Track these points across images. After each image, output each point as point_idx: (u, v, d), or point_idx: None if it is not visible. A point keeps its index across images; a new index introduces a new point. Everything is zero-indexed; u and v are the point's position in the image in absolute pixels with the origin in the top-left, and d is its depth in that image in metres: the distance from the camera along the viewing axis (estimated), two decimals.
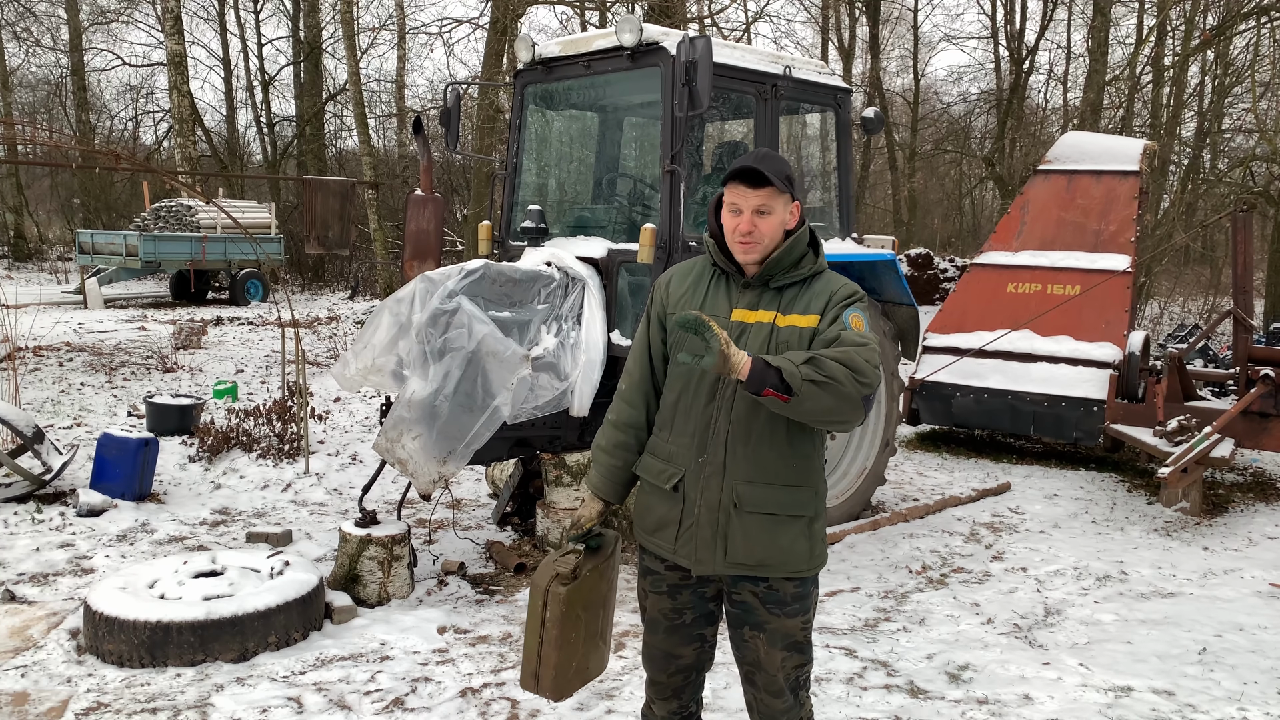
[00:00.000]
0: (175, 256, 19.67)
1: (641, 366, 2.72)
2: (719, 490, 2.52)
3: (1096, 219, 8.62)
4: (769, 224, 2.50)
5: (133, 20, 30.63)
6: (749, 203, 2.48)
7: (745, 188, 2.47)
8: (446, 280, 4.84)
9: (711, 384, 2.52)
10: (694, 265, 2.71)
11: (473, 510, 6.56)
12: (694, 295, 2.62)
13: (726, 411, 2.51)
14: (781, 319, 2.51)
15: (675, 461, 2.58)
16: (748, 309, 2.55)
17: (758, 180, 2.46)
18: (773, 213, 2.49)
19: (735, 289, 2.59)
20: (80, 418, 8.69)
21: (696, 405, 2.55)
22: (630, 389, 2.73)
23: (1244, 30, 13.78)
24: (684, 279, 2.68)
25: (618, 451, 2.73)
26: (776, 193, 2.48)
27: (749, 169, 2.46)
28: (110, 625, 4.04)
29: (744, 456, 2.50)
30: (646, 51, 5.43)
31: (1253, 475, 8.15)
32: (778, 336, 2.49)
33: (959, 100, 28.51)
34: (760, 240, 2.50)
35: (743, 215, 2.49)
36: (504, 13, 15.33)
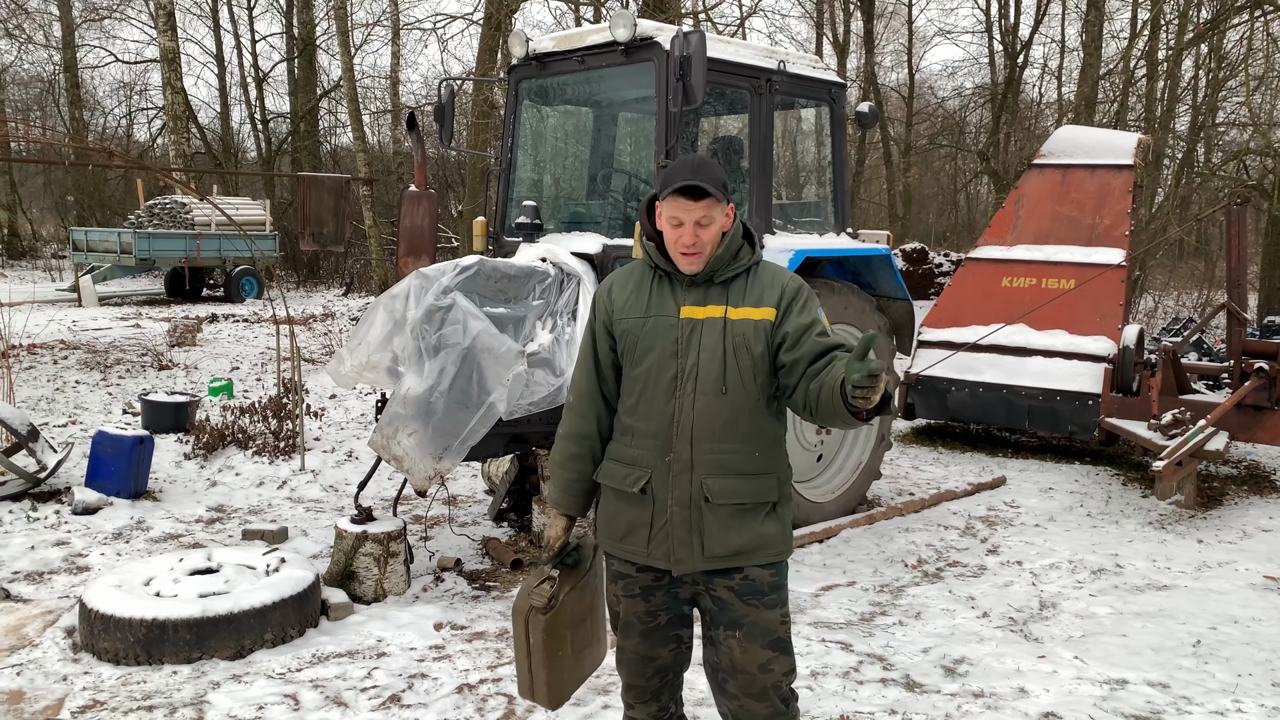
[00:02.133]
0: (170, 254, 19.63)
1: (589, 377, 2.70)
2: (688, 486, 2.52)
3: (1091, 213, 8.63)
4: (710, 234, 2.50)
5: (126, 17, 30.53)
6: (690, 215, 2.46)
7: (686, 200, 2.45)
8: (441, 276, 4.83)
9: (668, 383, 2.53)
10: (632, 271, 2.69)
11: (469, 506, 6.55)
12: (638, 298, 2.60)
13: (689, 407, 2.51)
14: (733, 312, 2.53)
15: (640, 464, 2.57)
16: (695, 305, 2.55)
17: (698, 194, 2.45)
18: (713, 222, 2.49)
19: (679, 288, 2.58)
20: (75, 416, 8.67)
21: (656, 405, 2.55)
22: (579, 400, 2.71)
23: (1237, 24, 13.79)
24: (625, 285, 2.66)
25: (573, 464, 2.72)
26: (715, 202, 2.47)
27: (690, 185, 2.45)
28: (106, 623, 4.03)
29: (709, 450, 2.51)
30: (641, 46, 5.42)
31: (1247, 468, 8.17)
32: (731, 330, 2.51)
33: (953, 95, 28.53)
34: (703, 250, 2.50)
35: (684, 228, 2.48)
36: (498, 8, 15.31)
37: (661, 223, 2.55)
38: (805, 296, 2.56)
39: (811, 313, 2.53)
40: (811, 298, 2.56)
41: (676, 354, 2.53)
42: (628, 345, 2.60)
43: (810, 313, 2.52)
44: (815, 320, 2.51)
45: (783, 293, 2.54)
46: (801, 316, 2.50)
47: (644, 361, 2.56)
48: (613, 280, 2.71)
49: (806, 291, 2.57)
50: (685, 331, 2.53)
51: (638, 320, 2.59)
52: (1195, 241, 19.90)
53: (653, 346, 2.55)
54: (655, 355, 2.54)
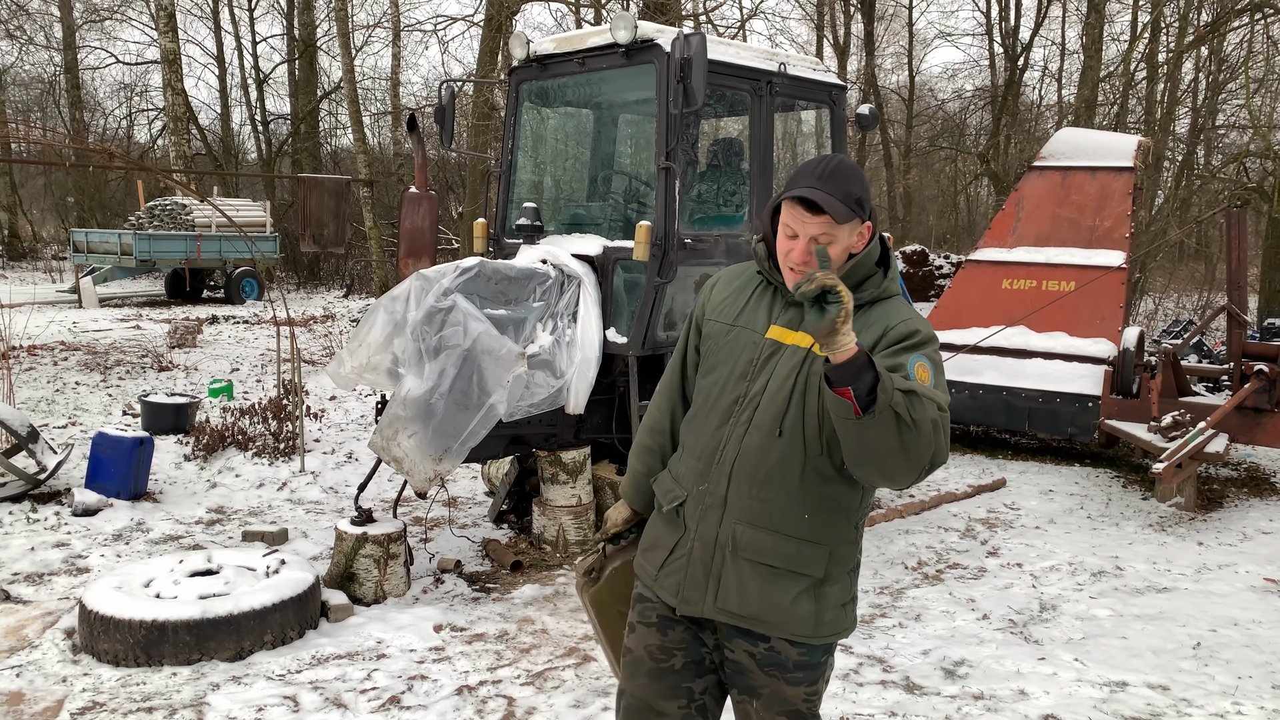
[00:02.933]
0: (170, 255, 19.64)
1: (674, 371, 2.49)
2: (716, 526, 2.20)
3: (1091, 215, 8.63)
4: (831, 253, 2.12)
5: (126, 18, 30.56)
6: (805, 230, 2.10)
7: (803, 212, 2.09)
8: (442, 278, 4.84)
9: (727, 406, 2.22)
10: (745, 270, 2.40)
11: (469, 508, 6.55)
12: (735, 302, 2.33)
13: (737, 439, 2.18)
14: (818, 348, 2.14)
15: (682, 482, 2.30)
16: (786, 327, 2.20)
17: (817, 208, 2.08)
18: (834, 241, 2.11)
19: (779, 303, 2.24)
20: (75, 417, 8.67)
21: (708, 425, 2.26)
22: (662, 391, 2.51)
23: (1238, 26, 13.81)
24: (730, 283, 2.39)
25: (643, 456, 2.51)
26: (841, 219, 2.09)
27: (807, 198, 2.07)
28: (106, 624, 4.03)
29: (748, 495, 2.16)
30: (641, 48, 5.43)
31: (1247, 470, 8.17)
32: (810, 365, 2.12)
33: (954, 97, 28.54)
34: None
35: (797, 242, 2.13)
36: (499, 10, 15.31)
37: (780, 232, 2.19)
38: (908, 348, 2.06)
39: (906, 358, 2.04)
40: (920, 353, 2.05)
41: (746, 375, 2.20)
42: (707, 349, 2.34)
43: (905, 357, 2.04)
44: (902, 365, 2.01)
45: (883, 335, 2.10)
46: (891, 358, 2.04)
47: (713, 373, 2.29)
48: (721, 275, 2.47)
49: (920, 339, 2.09)
50: (763, 353, 2.20)
51: (723, 326, 2.31)
52: (1195, 244, 19.90)
53: (726, 359, 2.26)
54: (725, 370, 2.25)
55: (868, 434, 1.86)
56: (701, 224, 5.91)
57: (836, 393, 1.86)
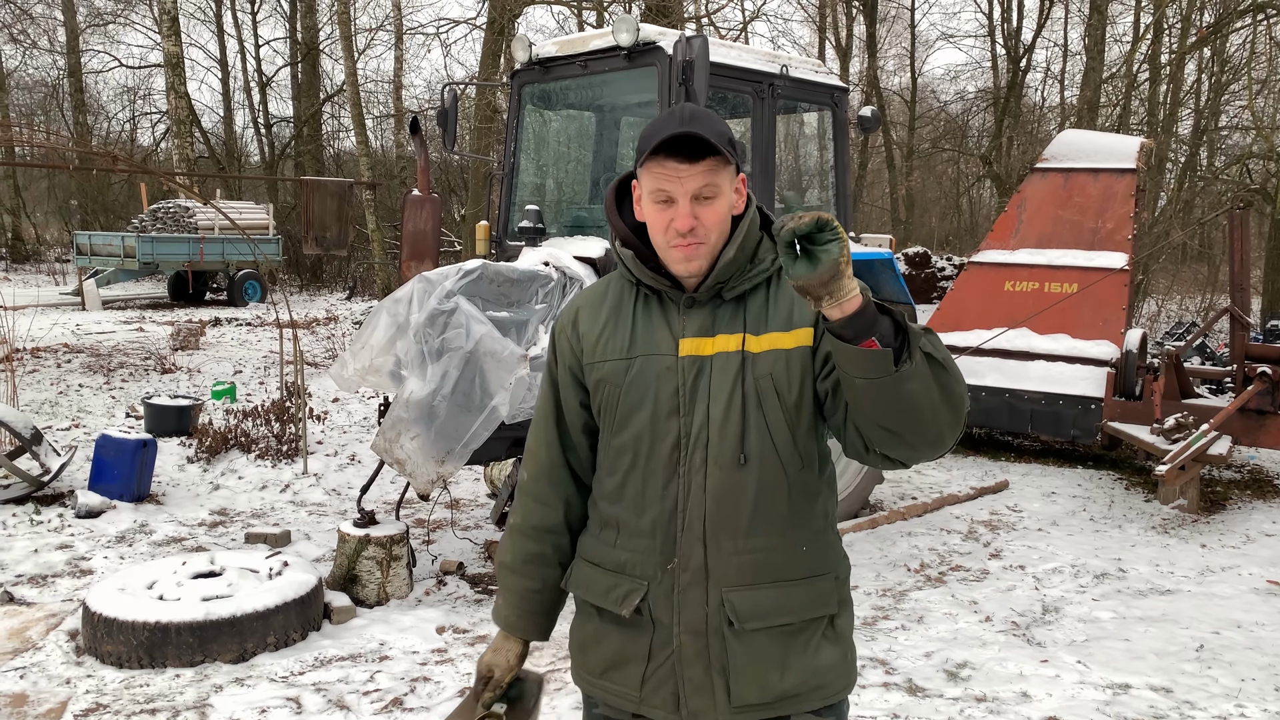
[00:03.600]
0: (173, 258, 19.67)
1: (551, 448, 1.93)
2: (703, 606, 1.75)
3: (1093, 217, 8.63)
4: (715, 212, 1.71)
5: (130, 22, 30.64)
6: (685, 185, 1.68)
7: (677, 163, 1.67)
8: (444, 280, 4.84)
9: (669, 455, 1.76)
10: (604, 290, 1.90)
11: (471, 510, 6.56)
12: (616, 330, 1.83)
13: (699, 489, 1.74)
14: (754, 341, 1.75)
15: (631, 572, 1.81)
16: (700, 335, 1.77)
17: (696, 150, 1.67)
18: (719, 195, 1.71)
19: (675, 311, 1.80)
20: (78, 419, 8.68)
21: (651, 488, 1.77)
22: (539, 479, 1.95)
23: (1240, 27, 13.81)
24: (595, 311, 1.88)
25: (532, 569, 1.95)
26: (722, 164, 1.69)
27: (682, 135, 1.66)
28: (109, 626, 4.04)
29: (734, 551, 1.74)
30: (643, 51, 5.43)
31: (1250, 472, 8.16)
32: (753, 369, 1.73)
33: (956, 99, 28.54)
34: (707, 239, 1.72)
35: (677, 206, 1.69)
36: (501, 13, 15.34)
37: (641, 208, 1.77)
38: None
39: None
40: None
41: (679, 410, 1.75)
42: (606, 401, 1.82)
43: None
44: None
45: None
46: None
47: (631, 424, 1.79)
48: (578, 307, 1.92)
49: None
50: (689, 376, 1.76)
51: (618, 364, 1.81)
52: (1198, 245, 19.89)
53: (642, 401, 1.78)
54: (647, 414, 1.77)
55: (908, 387, 1.51)
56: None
57: (863, 346, 1.51)
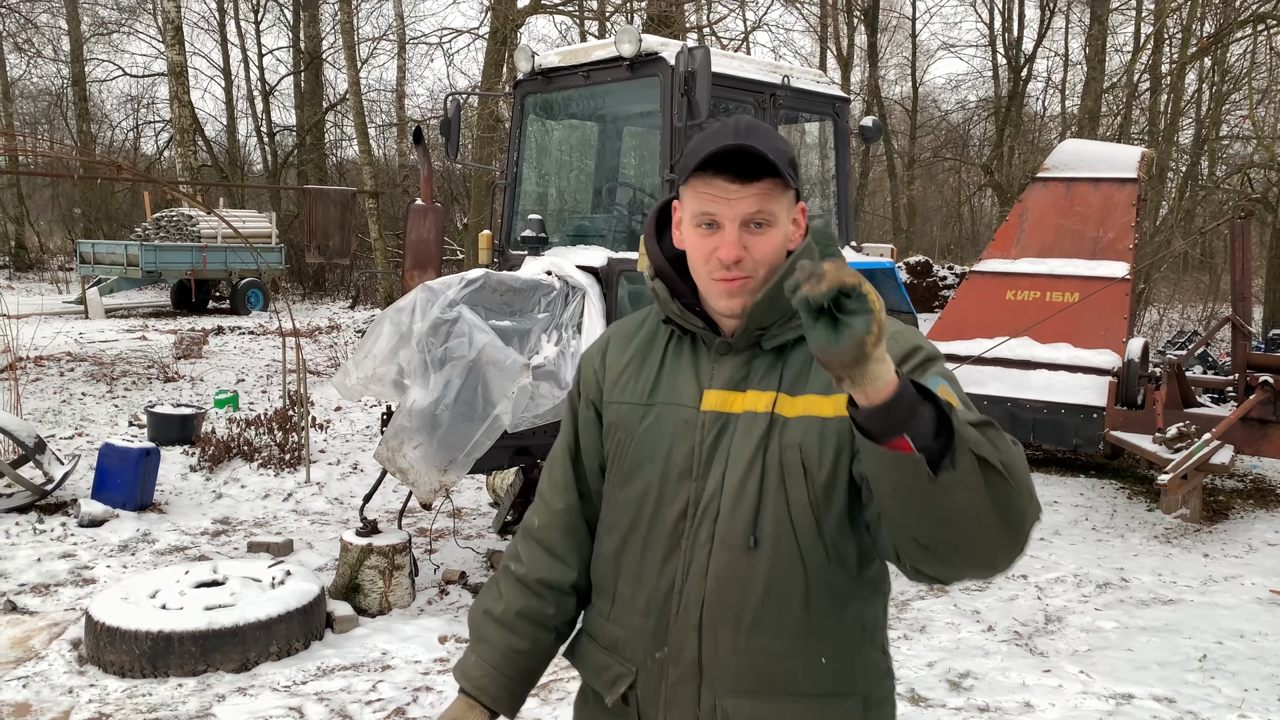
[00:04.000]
0: (176, 266, 19.71)
1: (567, 492, 1.68)
2: (694, 707, 1.50)
3: (1095, 226, 8.64)
4: (768, 244, 1.46)
5: (133, 31, 30.75)
6: (734, 209, 1.44)
7: (726, 182, 1.44)
8: (447, 290, 4.86)
9: (673, 524, 1.51)
10: (640, 323, 1.69)
11: (473, 519, 6.56)
12: (642, 370, 1.61)
13: (699, 570, 1.48)
14: (788, 403, 1.48)
15: (621, 653, 1.58)
16: (729, 388, 1.52)
17: (749, 170, 1.43)
18: (774, 224, 1.46)
19: (707, 357, 1.56)
20: (81, 428, 8.70)
21: (650, 559, 1.53)
22: (550, 527, 1.69)
23: (1241, 38, 13.83)
24: (625, 346, 1.67)
25: (524, 625, 1.67)
26: (779, 188, 1.45)
27: (735, 149, 1.41)
28: (112, 635, 4.04)
29: (733, 650, 1.48)
30: (645, 62, 5.46)
31: (1252, 482, 8.15)
32: (781, 437, 1.46)
33: (957, 108, 28.59)
34: (755, 273, 1.47)
35: (723, 232, 1.45)
36: (504, 23, 15.39)
37: (681, 232, 1.54)
38: (917, 361, 1.45)
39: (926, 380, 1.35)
40: (935, 363, 1.45)
41: (690, 472, 1.51)
42: (616, 449, 1.60)
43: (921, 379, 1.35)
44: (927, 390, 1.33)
45: None
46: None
47: (637, 480, 1.56)
48: (609, 337, 1.72)
49: (925, 354, 1.46)
50: (706, 434, 1.51)
51: (634, 409, 1.59)
52: (1200, 254, 19.90)
53: (653, 455, 1.54)
54: (656, 472, 1.54)
55: (949, 500, 1.20)
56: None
57: (888, 448, 1.19)
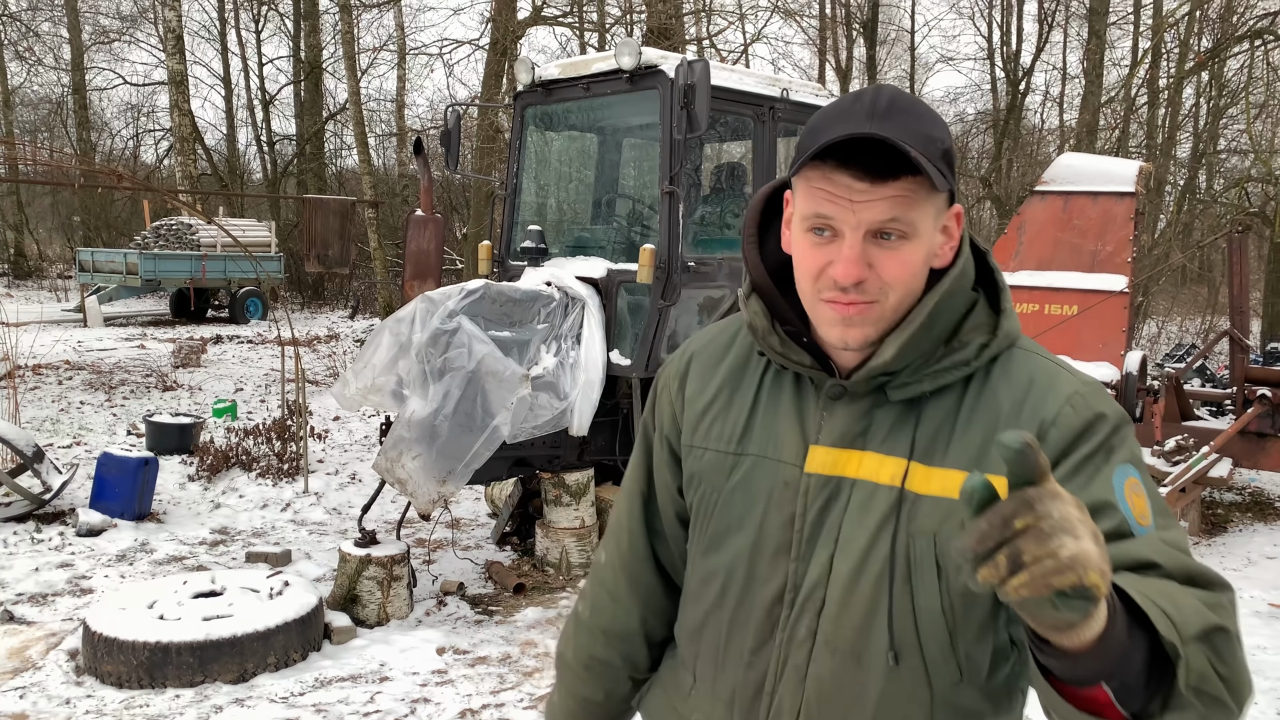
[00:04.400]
0: (175, 275, 19.72)
1: (635, 534, 1.43)
2: None
3: (1093, 239, 8.67)
4: (903, 264, 1.13)
5: (134, 40, 30.83)
6: (860, 215, 1.10)
7: (852, 178, 1.10)
8: (447, 300, 4.87)
9: (766, 609, 1.23)
10: (730, 341, 1.35)
11: (472, 530, 6.56)
12: (731, 411, 1.29)
13: (796, 673, 1.20)
14: (922, 475, 1.16)
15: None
16: (842, 446, 1.20)
17: (885, 162, 1.08)
18: (913, 236, 1.12)
19: (815, 400, 1.24)
20: (80, 436, 8.69)
21: (739, 642, 1.26)
22: (615, 568, 1.46)
23: (1238, 53, 13.89)
24: (712, 371, 1.34)
25: (594, 677, 1.49)
26: (924, 190, 1.11)
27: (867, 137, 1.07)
28: (109, 646, 4.04)
29: None
30: (645, 74, 5.48)
31: (1251, 495, 8.15)
32: (912, 519, 1.15)
33: (956, 120, 28.69)
34: (882, 298, 1.14)
35: (842, 243, 1.12)
36: (504, 34, 15.44)
37: (790, 236, 1.19)
38: (1100, 440, 1.12)
39: (1107, 479, 1.09)
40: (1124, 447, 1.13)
41: (788, 549, 1.21)
42: (700, 504, 1.31)
43: (1104, 478, 1.09)
44: (1109, 501, 1.07)
45: (1042, 432, 1.12)
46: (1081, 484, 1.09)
47: (725, 548, 1.28)
48: (691, 353, 1.38)
49: (1110, 428, 1.13)
50: (813, 502, 1.20)
51: (722, 459, 1.28)
52: (1198, 268, 19.94)
53: (744, 521, 1.25)
54: (747, 542, 1.25)
55: None
56: (705, 247, 5.95)
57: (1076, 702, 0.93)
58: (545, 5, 16.85)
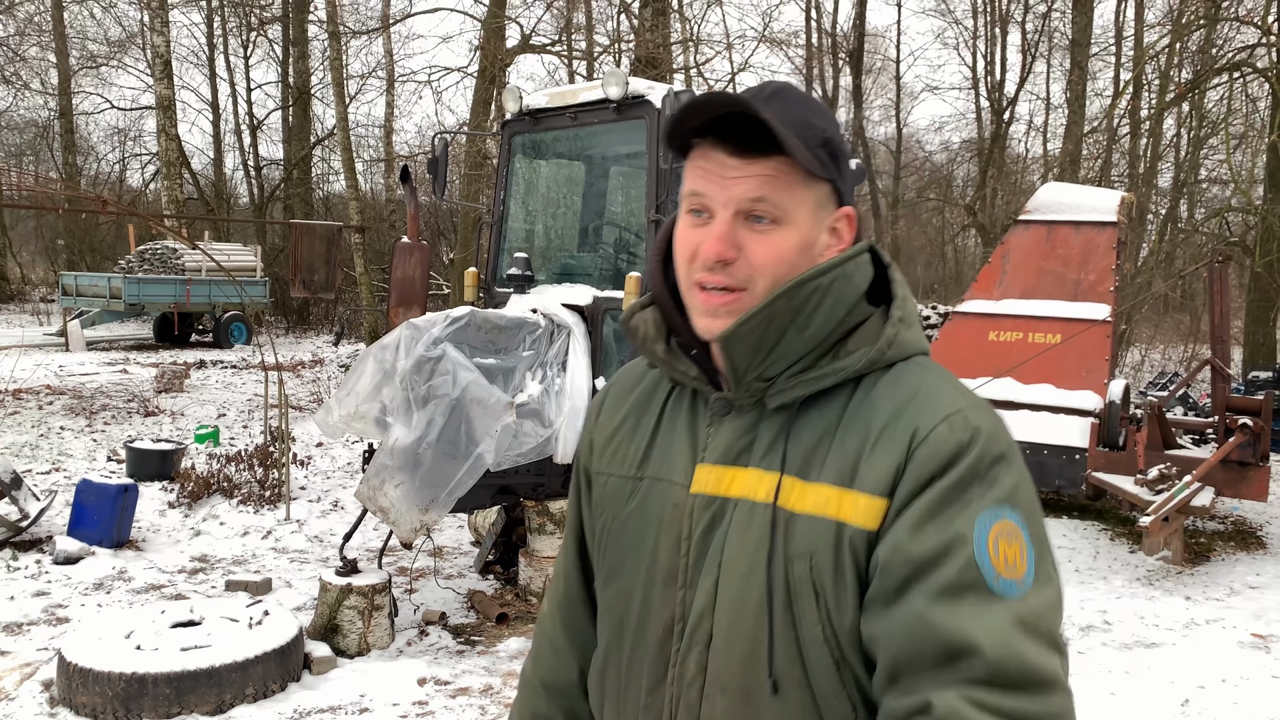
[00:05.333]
0: (159, 299, 19.64)
1: (570, 578, 1.38)
2: None
3: (1076, 268, 8.74)
4: (771, 247, 1.10)
5: (122, 65, 30.85)
6: (730, 191, 1.09)
7: (724, 155, 1.10)
8: (432, 327, 4.86)
9: (657, 643, 1.17)
10: (646, 369, 1.33)
11: (454, 558, 6.50)
12: (635, 432, 1.26)
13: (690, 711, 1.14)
14: (798, 492, 1.10)
15: None
16: (725, 463, 1.15)
17: (757, 139, 1.08)
18: (784, 221, 1.10)
19: (704, 412, 1.20)
20: (59, 462, 8.60)
21: (635, 686, 1.21)
22: (554, 616, 1.40)
23: (1217, 84, 14.10)
24: (623, 399, 1.32)
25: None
26: (799, 175, 1.09)
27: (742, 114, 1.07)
28: (84, 676, 3.97)
29: None
30: (632, 104, 5.51)
31: (1233, 524, 8.18)
32: (789, 541, 1.08)
33: (941, 149, 28.99)
34: (750, 285, 1.11)
35: (712, 224, 1.11)
36: (492, 62, 15.53)
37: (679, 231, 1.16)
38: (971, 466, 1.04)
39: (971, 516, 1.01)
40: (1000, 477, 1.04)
41: (676, 577, 1.16)
42: (601, 534, 1.27)
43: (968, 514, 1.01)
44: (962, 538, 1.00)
45: (909, 454, 1.05)
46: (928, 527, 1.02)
47: (618, 578, 1.23)
48: (610, 385, 1.38)
49: (985, 456, 1.04)
50: (697, 524, 1.15)
51: (622, 484, 1.25)
52: (1180, 296, 20.12)
53: (638, 547, 1.20)
54: (640, 570, 1.20)
55: None
56: None
57: None
58: (533, 34, 16.98)
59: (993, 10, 25.28)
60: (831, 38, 26.33)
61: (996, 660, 0.96)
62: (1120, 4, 21.75)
